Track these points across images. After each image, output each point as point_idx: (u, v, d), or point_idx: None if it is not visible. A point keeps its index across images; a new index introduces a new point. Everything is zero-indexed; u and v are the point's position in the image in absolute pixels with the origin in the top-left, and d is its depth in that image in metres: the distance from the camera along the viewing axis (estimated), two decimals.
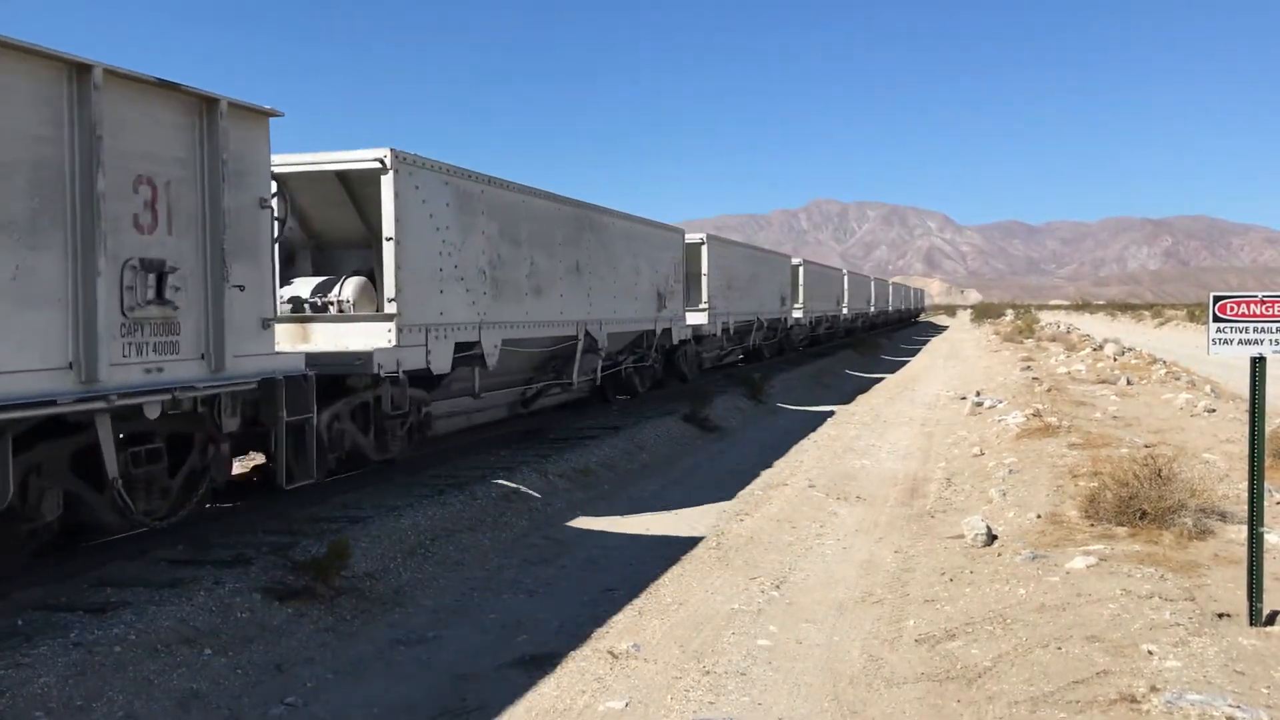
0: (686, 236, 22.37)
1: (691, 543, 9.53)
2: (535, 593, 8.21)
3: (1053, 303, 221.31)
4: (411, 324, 10.91)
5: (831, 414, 20.22)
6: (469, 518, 10.02)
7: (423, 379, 11.55)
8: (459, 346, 11.90)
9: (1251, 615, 6.01)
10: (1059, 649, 5.82)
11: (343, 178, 11.63)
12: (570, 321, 15.34)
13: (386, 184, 10.70)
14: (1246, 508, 6.25)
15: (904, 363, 37.89)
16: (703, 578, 8.24)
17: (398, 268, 10.67)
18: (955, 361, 36.09)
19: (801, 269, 36.17)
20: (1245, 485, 7.00)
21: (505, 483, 11.27)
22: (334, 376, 10.22)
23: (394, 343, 10.62)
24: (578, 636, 6.93)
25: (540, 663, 6.41)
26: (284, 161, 11.06)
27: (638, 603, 7.60)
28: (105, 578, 7.46)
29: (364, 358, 10.26)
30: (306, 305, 11.37)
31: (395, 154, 10.73)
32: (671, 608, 7.44)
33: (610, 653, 6.43)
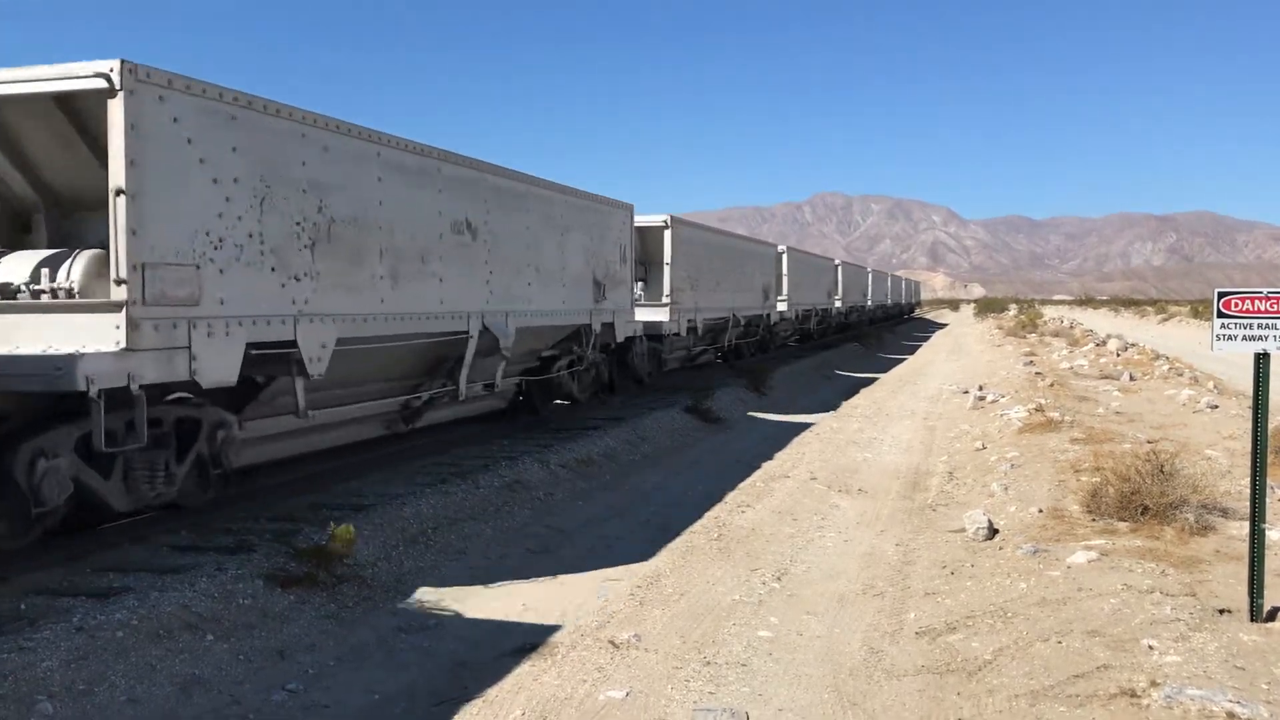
0: (641, 218, 18.67)
1: (693, 534, 9.54)
2: (537, 581, 8.23)
3: (1056, 298, 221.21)
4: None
5: (834, 406, 20.22)
6: (471, 507, 10.04)
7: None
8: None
9: (1252, 611, 6.01)
10: (1059, 643, 5.83)
11: (64, 104, 7.73)
12: (458, 314, 11.47)
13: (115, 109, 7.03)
14: (1248, 504, 6.25)
15: (907, 357, 37.87)
16: (704, 568, 8.25)
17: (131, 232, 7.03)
18: (958, 356, 36.08)
19: (785, 257, 32.11)
20: (1247, 482, 7.01)
21: (507, 472, 11.29)
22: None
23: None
24: (578, 626, 6.95)
25: (541, 652, 6.42)
26: None
27: (639, 593, 7.61)
28: (108, 562, 7.48)
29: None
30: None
31: (129, 67, 7.06)
32: (672, 598, 7.45)
33: (611, 642, 6.45)
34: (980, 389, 19.73)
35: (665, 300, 19.79)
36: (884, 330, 57.31)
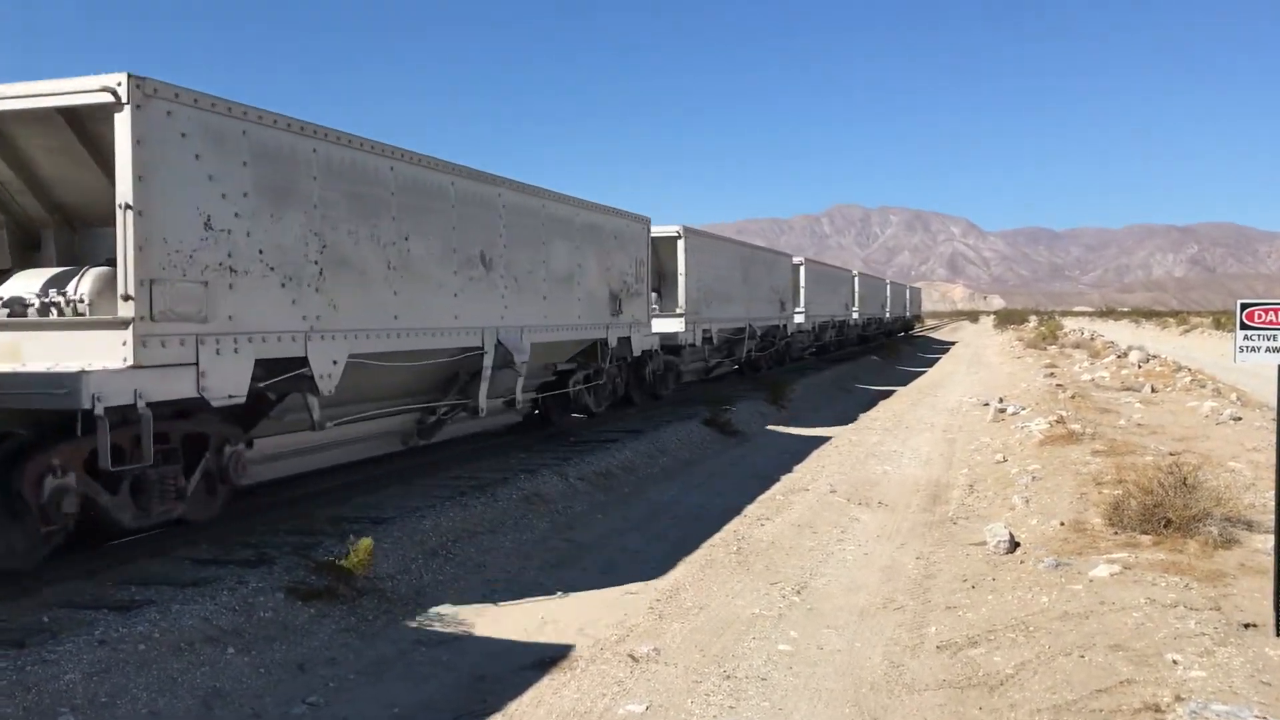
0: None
1: (712, 547, 9.52)
2: (556, 595, 8.22)
3: (1077, 309, 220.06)
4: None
5: (853, 419, 20.16)
6: (490, 520, 10.06)
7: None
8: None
9: (1278, 625, 5.95)
10: (1082, 657, 5.78)
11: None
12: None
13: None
14: (1273, 516, 6.20)
15: (926, 369, 37.73)
16: (724, 582, 8.23)
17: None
18: (978, 367, 35.91)
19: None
20: (1272, 494, 6.94)
21: (526, 485, 11.30)
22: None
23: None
24: (598, 639, 6.94)
25: (561, 665, 6.42)
26: None
27: (658, 606, 7.60)
28: (130, 575, 7.53)
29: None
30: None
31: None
32: (692, 611, 7.43)
33: (631, 656, 6.44)
34: (1000, 401, 19.64)
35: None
36: (901, 342, 57.03)
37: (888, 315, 55.34)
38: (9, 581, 7.19)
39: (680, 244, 20.06)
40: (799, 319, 31.26)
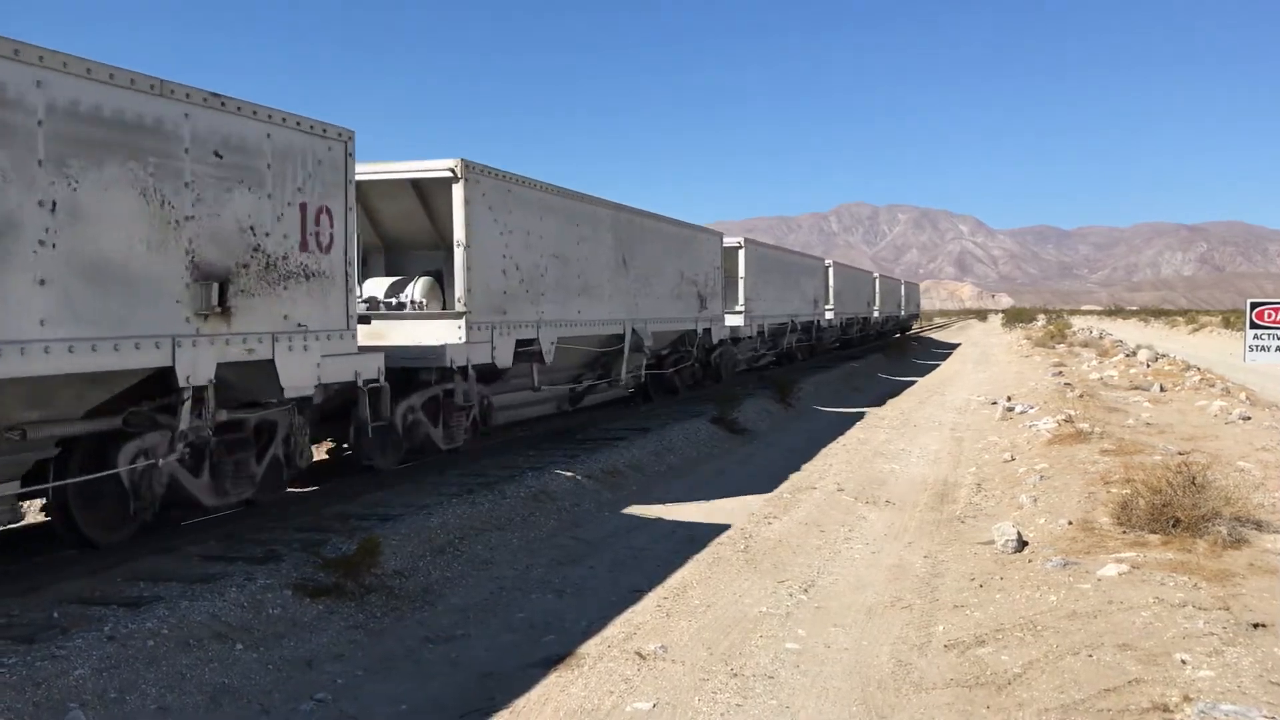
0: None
1: (719, 545, 9.51)
2: (563, 593, 8.23)
3: (1085, 308, 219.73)
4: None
5: (861, 417, 20.13)
6: (498, 517, 10.07)
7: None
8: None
9: None
10: (1090, 657, 5.77)
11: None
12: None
13: (457, 191, 11.49)
14: None
15: (934, 367, 37.68)
16: (731, 580, 8.23)
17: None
18: (986, 366, 35.85)
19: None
20: None
21: (533, 483, 11.30)
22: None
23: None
24: (605, 637, 6.94)
25: (568, 663, 6.42)
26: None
27: (665, 604, 7.60)
28: (139, 572, 7.56)
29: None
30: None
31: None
32: (699, 609, 7.43)
33: (638, 654, 6.44)
34: (1008, 400, 19.60)
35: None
36: (907, 340, 56.78)
37: (876, 314, 48.12)
38: (16, 578, 7.24)
39: (458, 192, 11.80)
40: (735, 320, 23.94)
